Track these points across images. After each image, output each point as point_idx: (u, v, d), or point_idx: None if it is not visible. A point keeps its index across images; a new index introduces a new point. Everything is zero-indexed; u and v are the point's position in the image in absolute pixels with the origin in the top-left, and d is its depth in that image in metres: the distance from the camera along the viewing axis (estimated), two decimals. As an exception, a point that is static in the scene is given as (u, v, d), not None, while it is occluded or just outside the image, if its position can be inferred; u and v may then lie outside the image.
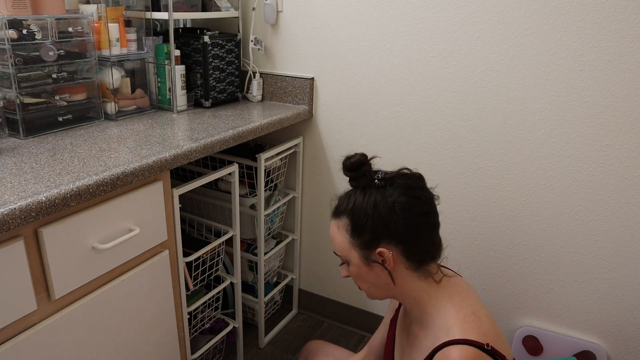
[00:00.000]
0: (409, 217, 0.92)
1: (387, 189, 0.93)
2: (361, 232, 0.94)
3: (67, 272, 1.00)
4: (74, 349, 1.05)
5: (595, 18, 1.26)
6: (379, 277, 0.96)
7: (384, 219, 0.92)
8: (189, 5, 1.60)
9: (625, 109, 1.29)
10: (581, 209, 1.42)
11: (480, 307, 0.95)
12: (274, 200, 1.77)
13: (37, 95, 1.28)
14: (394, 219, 0.91)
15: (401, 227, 0.91)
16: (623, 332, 1.47)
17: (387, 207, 0.91)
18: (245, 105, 1.73)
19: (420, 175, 0.99)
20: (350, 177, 0.98)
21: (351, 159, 0.97)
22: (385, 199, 0.92)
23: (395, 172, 0.98)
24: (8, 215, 0.84)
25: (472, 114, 1.48)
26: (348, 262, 0.99)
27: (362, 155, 0.97)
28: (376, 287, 0.99)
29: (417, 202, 0.93)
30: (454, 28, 1.44)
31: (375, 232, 0.93)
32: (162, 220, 1.21)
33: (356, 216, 0.94)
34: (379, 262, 0.94)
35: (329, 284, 1.98)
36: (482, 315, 0.92)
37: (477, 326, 0.89)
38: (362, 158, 0.97)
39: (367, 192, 0.94)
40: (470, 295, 0.97)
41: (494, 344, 0.88)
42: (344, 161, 0.98)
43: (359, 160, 0.97)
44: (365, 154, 0.98)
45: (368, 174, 0.97)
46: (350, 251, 0.97)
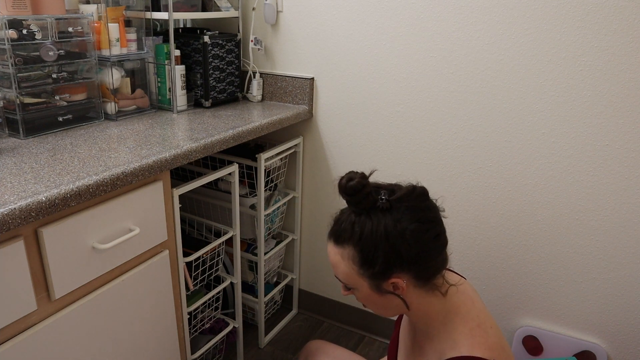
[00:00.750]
0: (422, 244, 0.86)
1: (394, 212, 0.86)
2: (372, 263, 0.87)
3: (67, 272, 1.00)
4: (74, 349, 1.05)
5: (595, 18, 1.26)
6: (390, 302, 0.92)
7: (396, 249, 0.85)
8: (189, 5, 1.60)
9: (625, 109, 1.29)
10: (581, 209, 1.42)
11: (486, 317, 0.93)
12: (274, 200, 1.77)
13: (37, 95, 1.28)
14: (405, 247, 0.85)
15: (414, 254, 0.86)
16: (623, 332, 1.47)
17: (398, 236, 0.85)
18: (245, 105, 1.73)
19: (424, 190, 0.93)
20: (349, 201, 0.89)
21: (350, 182, 0.87)
22: (395, 226, 0.85)
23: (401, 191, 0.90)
24: (8, 215, 0.84)
25: (472, 114, 1.48)
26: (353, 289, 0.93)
27: (362, 177, 0.88)
28: (388, 310, 0.95)
29: (428, 226, 0.87)
30: (454, 28, 1.44)
31: (387, 262, 0.86)
32: (162, 220, 1.21)
33: (365, 247, 0.86)
34: (391, 291, 0.89)
35: (329, 284, 1.98)
36: (488, 326, 0.91)
37: (483, 340, 0.87)
38: (362, 180, 0.87)
39: (373, 218, 0.86)
40: (475, 304, 0.95)
41: (500, 358, 0.86)
42: (341, 183, 0.88)
43: (359, 183, 0.87)
44: (364, 174, 0.89)
45: (369, 195, 0.87)
46: (357, 281, 0.90)
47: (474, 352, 0.85)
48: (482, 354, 0.85)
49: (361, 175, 0.88)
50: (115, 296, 1.12)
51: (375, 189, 0.90)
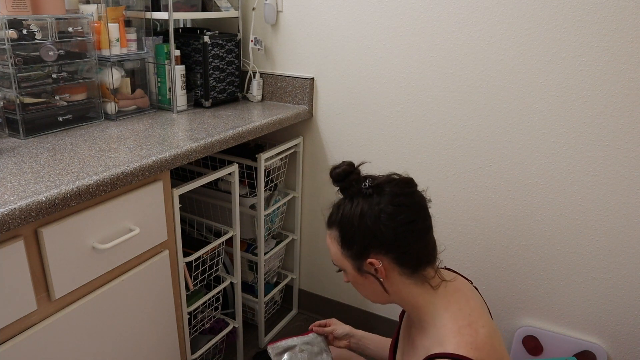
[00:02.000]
0: (396, 226, 0.90)
1: (374, 197, 0.91)
2: (351, 243, 0.93)
3: (67, 272, 1.00)
4: (74, 349, 1.05)
5: (595, 18, 1.26)
6: (374, 285, 0.96)
7: (370, 230, 0.90)
8: (189, 5, 1.60)
9: (625, 109, 1.29)
10: (581, 209, 1.42)
11: (479, 316, 0.92)
12: (274, 200, 1.77)
13: (37, 95, 1.28)
14: (380, 228, 0.89)
15: (389, 236, 0.90)
16: (623, 332, 1.47)
17: (373, 217, 0.90)
18: (245, 105, 1.73)
19: (410, 180, 0.97)
20: (339, 187, 0.97)
21: (337, 169, 0.95)
22: (371, 208, 0.90)
23: (384, 178, 0.95)
24: (8, 215, 0.84)
25: (472, 114, 1.48)
26: (343, 271, 1.00)
27: (349, 165, 0.96)
28: (374, 294, 0.98)
29: (403, 209, 0.91)
30: (454, 28, 1.44)
31: (363, 243, 0.91)
32: (162, 220, 1.21)
33: (345, 227, 0.93)
34: (371, 273, 0.93)
35: (329, 284, 1.98)
36: (480, 326, 0.90)
37: (471, 340, 0.87)
38: (348, 167, 0.95)
39: (355, 201, 0.92)
40: (469, 302, 0.95)
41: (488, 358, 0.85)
42: (331, 171, 0.96)
43: (344, 170, 0.95)
44: (352, 163, 0.96)
45: (356, 182, 0.94)
46: (343, 261, 0.96)
47: (459, 351, 0.85)
48: (467, 353, 0.84)
49: (348, 163, 0.95)
50: (115, 296, 1.12)
51: (362, 176, 0.96)
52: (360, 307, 1.93)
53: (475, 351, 0.85)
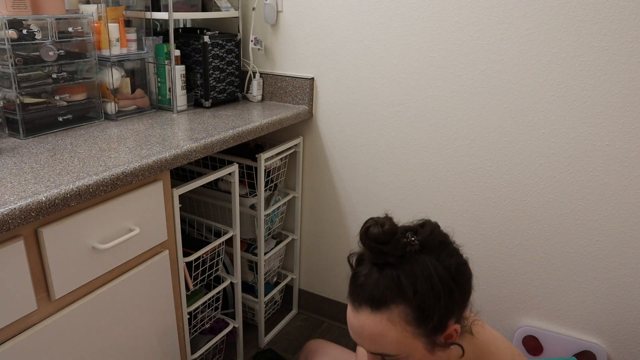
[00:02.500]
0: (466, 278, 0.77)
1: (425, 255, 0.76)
2: (430, 316, 0.74)
3: (67, 272, 1.00)
4: (74, 349, 1.05)
5: (595, 18, 1.26)
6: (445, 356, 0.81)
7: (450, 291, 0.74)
8: (189, 5, 1.60)
9: (625, 109, 1.29)
10: (581, 209, 1.42)
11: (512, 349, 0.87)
12: (274, 200, 1.77)
13: (37, 95, 1.28)
14: (456, 286, 0.75)
15: (462, 292, 0.77)
16: (623, 332, 1.47)
17: (448, 276, 0.74)
18: (245, 105, 1.73)
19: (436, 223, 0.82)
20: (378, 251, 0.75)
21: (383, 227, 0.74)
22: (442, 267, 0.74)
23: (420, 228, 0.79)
24: (8, 215, 0.84)
25: (472, 114, 1.48)
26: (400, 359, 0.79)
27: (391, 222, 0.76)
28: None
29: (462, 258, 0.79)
30: (454, 28, 1.44)
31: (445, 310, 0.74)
32: (162, 220, 1.21)
33: (424, 298, 0.73)
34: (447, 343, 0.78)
35: (329, 284, 1.98)
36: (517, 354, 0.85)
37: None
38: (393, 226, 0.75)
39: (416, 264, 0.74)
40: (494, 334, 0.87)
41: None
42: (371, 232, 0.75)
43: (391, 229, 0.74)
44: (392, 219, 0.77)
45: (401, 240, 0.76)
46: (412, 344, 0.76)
47: None
48: None
49: (390, 219, 0.77)
50: (116, 296, 1.12)
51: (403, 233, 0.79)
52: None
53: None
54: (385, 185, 1.71)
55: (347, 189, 1.79)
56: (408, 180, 1.65)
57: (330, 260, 1.93)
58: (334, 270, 1.94)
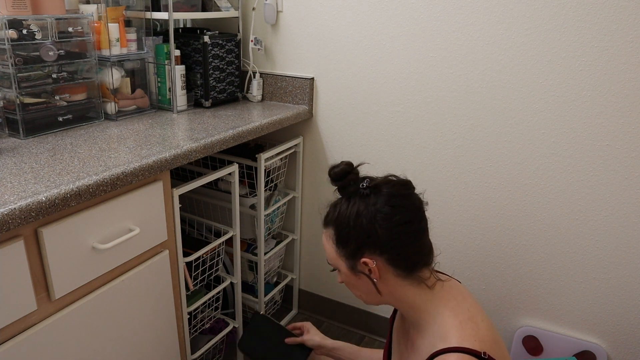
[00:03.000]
0: (391, 227, 0.90)
1: (372, 197, 0.92)
2: (345, 242, 0.93)
3: (67, 272, 1.00)
4: (74, 349, 1.05)
5: (595, 18, 1.26)
6: (367, 285, 0.96)
7: (365, 229, 0.90)
8: (189, 5, 1.60)
9: (625, 109, 1.29)
10: (581, 209, 1.42)
11: (477, 311, 0.93)
12: (274, 200, 1.77)
13: (37, 95, 1.28)
14: (375, 229, 0.90)
15: (383, 237, 0.90)
16: (623, 332, 1.47)
17: (368, 217, 0.90)
18: (245, 105, 1.73)
19: (407, 181, 0.97)
20: (337, 187, 0.97)
21: (335, 169, 0.96)
22: (367, 208, 0.91)
23: (382, 179, 0.96)
24: (8, 215, 0.84)
25: (472, 114, 1.48)
26: (337, 271, 0.99)
27: (347, 164, 0.96)
28: (368, 295, 0.98)
29: (399, 210, 0.91)
30: (454, 28, 1.44)
31: (358, 242, 0.92)
32: (162, 220, 1.21)
33: (340, 226, 0.94)
34: (365, 273, 0.94)
35: (329, 284, 1.98)
36: (479, 320, 0.91)
37: (474, 333, 0.88)
38: (347, 167, 0.96)
39: (351, 201, 0.93)
40: (467, 299, 0.96)
41: (491, 351, 0.86)
42: (329, 171, 0.97)
43: (343, 169, 0.95)
44: (350, 163, 0.96)
45: (354, 182, 0.95)
46: (337, 260, 0.97)
47: (464, 344, 0.86)
48: (472, 346, 0.85)
49: (347, 163, 0.96)
50: (116, 296, 1.12)
51: (361, 177, 0.96)
52: (360, 307, 1.93)
53: (479, 343, 0.86)
54: (385, 185, 1.70)
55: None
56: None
57: (330, 260, 1.93)
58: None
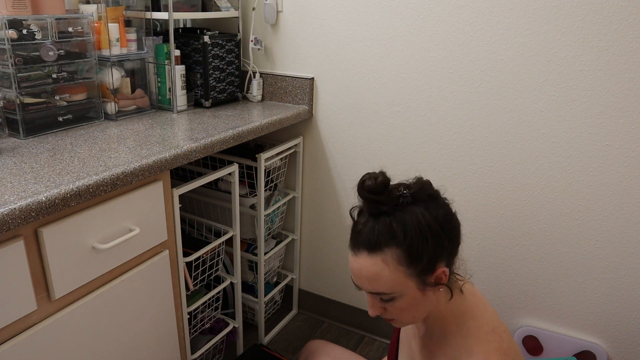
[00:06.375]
0: (453, 227, 0.87)
1: (417, 205, 0.85)
2: (419, 257, 0.83)
3: (67, 272, 1.00)
4: (74, 349, 1.05)
5: (595, 18, 1.26)
6: (429, 301, 0.88)
7: (438, 236, 0.83)
8: (189, 5, 1.60)
9: (625, 109, 1.29)
10: (581, 209, 1.42)
11: (498, 321, 0.90)
12: (274, 200, 1.77)
13: (37, 95, 1.28)
14: (444, 233, 0.84)
15: (450, 238, 0.86)
16: (623, 332, 1.47)
17: (435, 223, 0.83)
18: (245, 105, 1.73)
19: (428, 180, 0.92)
20: (373, 201, 0.85)
21: (377, 180, 0.84)
22: (430, 215, 0.84)
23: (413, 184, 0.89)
24: (8, 215, 0.84)
25: (472, 114, 1.48)
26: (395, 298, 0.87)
27: (384, 176, 0.86)
28: (421, 313, 0.90)
29: (449, 209, 0.88)
30: (454, 28, 1.44)
31: (433, 253, 0.83)
32: (162, 220, 1.21)
33: (413, 243, 0.82)
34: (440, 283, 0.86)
35: (329, 284, 1.98)
36: (501, 331, 0.88)
37: (498, 346, 0.85)
38: (386, 179, 0.85)
39: (407, 213, 0.84)
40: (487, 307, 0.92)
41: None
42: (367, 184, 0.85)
43: (384, 180, 0.85)
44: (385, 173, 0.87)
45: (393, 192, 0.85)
46: (405, 284, 0.84)
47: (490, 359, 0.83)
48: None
49: (383, 173, 0.87)
50: (115, 296, 1.12)
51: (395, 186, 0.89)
52: (360, 307, 1.93)
53: (504, 356, 0.84)
54: (385, 185, 1.70)
55: (347, 189, 1.79)
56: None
57: (330, 260, 1.93)
58: (334, 270, 1.94)
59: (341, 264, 1.92)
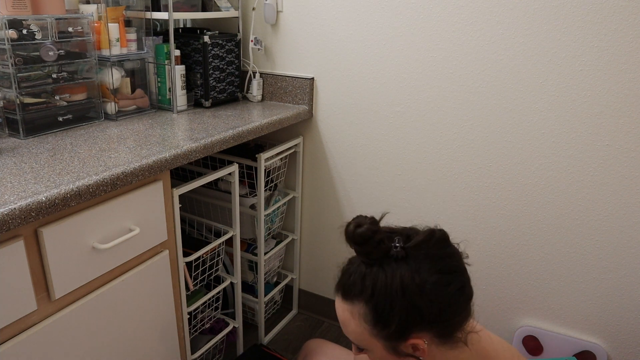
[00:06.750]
0: (445, 299, 0.75)
1: (410, 262, 0.75)
2: (387, 322, 0.75)
3: (67, 272, 1.00)
4: (74, 349, 1.05)
5: (595, 18, 1.26)
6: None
7: (415, 306, 0.74)
8: (189, 5, 1.60)
9: (625, 109, 1.29)
10: (581, 209, 1.42)
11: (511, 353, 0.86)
12: (274, 200, 1.77)
13: (37, 95, 1.28)
14: (426, 303, 0.74)
15: (436, 311, 0.75)
16: (623, 332, 1.47)
17: (417, 290, 0.73)
18: (245, 105, 1.73)
19: (444, 235, 0.79)
20: (358, 251, 0.78)
21: (358, 229, 0.75)
22: (412, 278, 0.73)
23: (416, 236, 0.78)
24: (8, 215, 0.84)
25: (472, 114, 1.48)
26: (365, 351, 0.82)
27: (372, 223, 0.76)
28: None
29: (451, 278, 0.76)
30: (454, 28, 1.44)
31: (405, 321, 0.75)
32: (162, 220, 1.21)
33: (379, 305, 0.75)
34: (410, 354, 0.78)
35: (329, 284, 1.98)
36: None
37: None
38: (372, 226, 0.76)
39: (387, 269, 0.75)
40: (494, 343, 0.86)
41: None
42: (348, 230, 0.77)
43: (368, 229, 0.75)
44: (374, 219, 0.78)
45: (382, 243, 0.76)
46: (371, 342, 0.79)
47: None
48: None
49: (371, 221, 0.77)
50: (116, 296, 1.12)
51: (388, 234, 0.78)
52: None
53: None
54: (385, 185, 1.71)
55: (347, 189, 1.79)
56: (408, 180, 1.65)
57: (330, 260, 1.93)
58: (334, 270, 1.94)
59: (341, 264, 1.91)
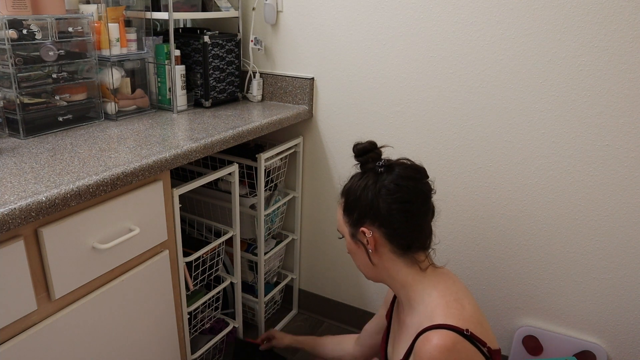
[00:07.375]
0: (391, 202, 0.97)
1: (383, 175, 0.99)
2: (351, 210, 1.02)
3: (67, 272, 1.00)
4: (74, 349, 1.05)
5: (595, 18, 1.26)
6: (364, 255, 1.04)
7: (368, 201, 0.99)
8: (189, 5, 1.60)
9: (625, 109, 1.29)
10: (581, 209, 1.42)
11: (464, 295, 0.98)
12: (274, 200, 1.78)
13: (37, 95, 1.28)
14: (378, 202, 0.97)
15: (383, 210, 0.97)
16: (623, 332, 1.47)
17: (374, 190, 0.98)
18: (245, 105, 1.73)
19: (420, 167, 1.03)
20: (358, 162, 1.06)
21: (359, 145, 1.05)
22: (375, 183, 0.99)
23: (398, 161, 1.03)
24: (8, 215, 0.84)
25: (472, 114, 1.48)
26: (343, 238, 1.09)
27: (370, 143, 1.05)
28: (365, 267, 1.06)
29: (402, 189, 0.98)
30: (454, 28, 1.44)
31: (360, 212, 1.00)
32: (162, 220, 1.21)
33: (349, 196, 1.03)
34: (362, 242, 1.02)
35: (329, 284, 1.98)
36: (466, 302, 0.96)
37: (458, 312, 0.92)
38: (369, 145, 1.04)
39: (365, 175, 1.02)
40: (456, 283, 1.01)
41: (475, 330, 0.91)
42: (354, 147, 1.06)
43: (365, 147, 1.04)
44: (374, 142, 1.05)
45: (372, 160, 1.03)
46: (343, 227, 1.06)
47: (448, 321, 0.91)
48: (455, 323, 0.90)
49: (370, 142, 1.05)
50: (116, 296, 1.12)
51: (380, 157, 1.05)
52: (360, 306, 1.93)
53: (463, 321, 0.91)
54: (385, 185, 1.70)
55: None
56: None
57: (330, 260, 1.93)
58: (334, 270, 1.94)
59: (341, 264, 1.92)
